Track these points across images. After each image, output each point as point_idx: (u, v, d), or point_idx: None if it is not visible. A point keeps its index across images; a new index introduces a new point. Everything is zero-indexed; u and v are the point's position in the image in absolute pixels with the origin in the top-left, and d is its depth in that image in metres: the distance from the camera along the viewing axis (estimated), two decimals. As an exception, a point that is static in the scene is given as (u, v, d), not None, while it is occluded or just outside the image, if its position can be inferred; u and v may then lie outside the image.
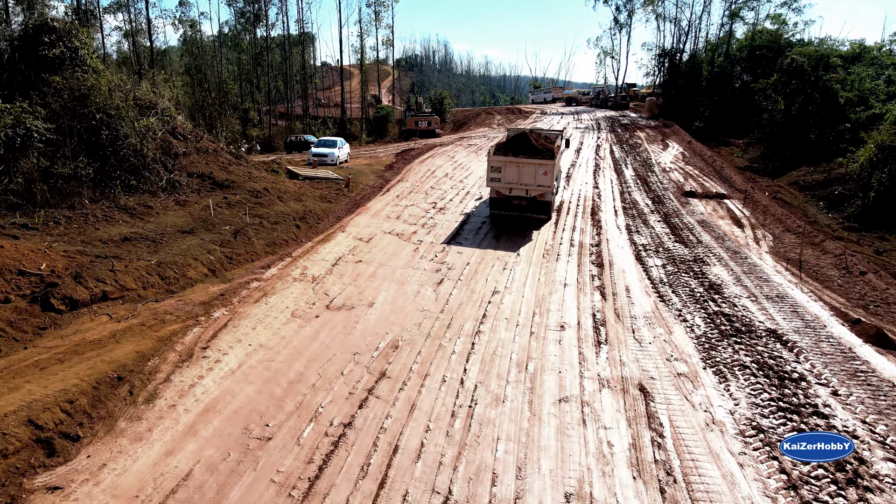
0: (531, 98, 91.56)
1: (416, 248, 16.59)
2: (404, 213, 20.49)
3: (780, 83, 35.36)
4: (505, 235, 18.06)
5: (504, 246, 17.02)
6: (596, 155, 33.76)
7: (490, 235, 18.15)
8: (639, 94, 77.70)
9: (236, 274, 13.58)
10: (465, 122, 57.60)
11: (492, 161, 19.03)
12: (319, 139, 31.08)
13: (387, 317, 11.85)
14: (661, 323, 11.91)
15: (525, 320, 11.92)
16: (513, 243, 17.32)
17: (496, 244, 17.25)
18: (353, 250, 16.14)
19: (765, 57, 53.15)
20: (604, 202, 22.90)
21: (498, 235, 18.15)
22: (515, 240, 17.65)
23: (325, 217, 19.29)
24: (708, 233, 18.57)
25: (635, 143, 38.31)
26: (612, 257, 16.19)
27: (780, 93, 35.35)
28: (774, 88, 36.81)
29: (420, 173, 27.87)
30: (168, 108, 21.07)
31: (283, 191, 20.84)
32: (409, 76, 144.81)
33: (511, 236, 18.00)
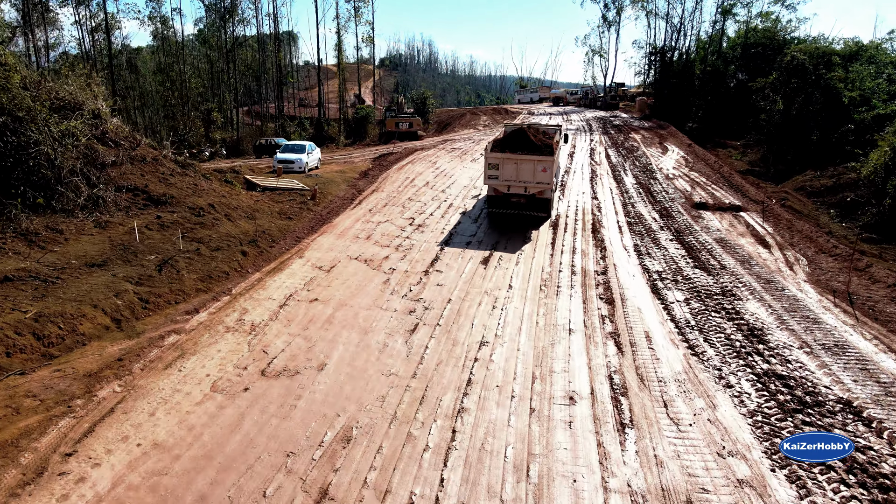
0: (517, 98, 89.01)
1: (387, 280, 13.70)
2: (376, 232, 17.58)
3: (779, 82, 33.25)
4: (495, 257, 15.26)
5: (494, 274, 14.21)
6: (591, 160, 31.06)
7: (476, 259, 15.32)
8: (628, 94, 75.54)
9: (150, 324, 10.58)
10: (449, 123, 54.77)
11: (489, 158, 18.27)
12: (286, 144, 28.03)
13: (341, 386, 8.96)
14: (700, 390, 9.15)
15: (522, 388, 9.10)
16: (504, 270, 14.51)
17: (484, 270, 14.43)
18: (310, 284, 13.20)
19: (760, 55, 51.14)
20: (605, 216, 20.17)
21: (487, 259, 15.33)
22: (507, 264, 14.85)
23: (281, 238, 16.32)
24: (731, 255, 15.90)
25: (632, 147, 35.72)
26: (623, 289, 13.43)
27: (779, 92, 33.28)
28: (773, 87, 34.73)
29: (398, 182, 24.97)
30: (100, 110, 17.96)
31: (235, 206, 17.82)
32: (394, 76, 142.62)
33: (502, 259, 15.20)
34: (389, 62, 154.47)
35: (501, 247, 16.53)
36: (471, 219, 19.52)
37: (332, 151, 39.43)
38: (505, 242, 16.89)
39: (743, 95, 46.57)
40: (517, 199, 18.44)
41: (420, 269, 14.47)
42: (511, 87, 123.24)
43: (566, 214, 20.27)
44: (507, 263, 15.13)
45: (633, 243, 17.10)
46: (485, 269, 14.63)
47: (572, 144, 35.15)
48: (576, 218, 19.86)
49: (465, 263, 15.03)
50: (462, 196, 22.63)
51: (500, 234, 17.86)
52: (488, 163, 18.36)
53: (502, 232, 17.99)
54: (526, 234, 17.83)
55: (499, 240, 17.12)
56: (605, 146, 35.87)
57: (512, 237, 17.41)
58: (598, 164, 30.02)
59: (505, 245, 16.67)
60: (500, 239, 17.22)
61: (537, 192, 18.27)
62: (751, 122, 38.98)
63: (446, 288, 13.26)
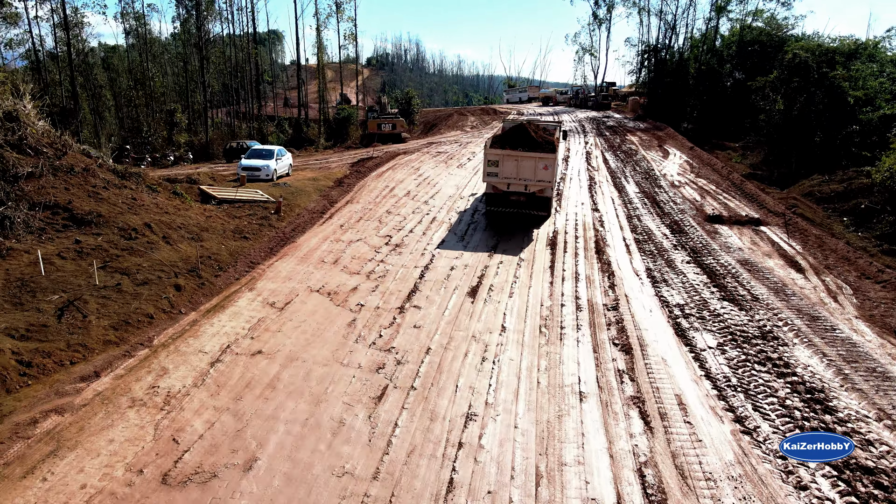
0: (506, 98, 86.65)
1: (353, 321, 11.17)
2: (346, 254, 15.05)
3: (780, 81, 31.41)
4: (485, 287, 12.79)
5: (483, 310, 11.73)
6: (588, 165, 28.71)
7: (463, 288, 12.84)
8: (619, 94, 73.52)
9: (26, 399, 7.96)
10: (435, 124, 52.23)
11: (489, 154, 17.70)
12: (252, 148, 25.29)
13: (272, 500, 6.44)
14: (764, 496, 6.73)
15: (524, 496, 6.64)
16: (495, 304, 12.05)
17: (472, 305, 11.97)
18: (256, 328, 10.65)
19: (757, 53, 49.29)
20: (609, 232, 17.78)
21: (475, 289, 12.86)
22: (499, 296, 12.39)
23: (231, 265, 13.73)
24: (761, 282, 13.55)
25: (630, 150, 33.41)
26: (641, 331, 11.01)
27: (779, 91, 31.50)
28: (773, 87, 32.81)
29: (376, 191, 22.42)
30: (18, 112, 15.26)
31: (179, 225, 15.17)
32: (381, 75, 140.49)
33: (493, 289, 12.74)
34: (376, 62, 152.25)
35: (493, 271, 14.07)
36: (456, 236, 17.06)
37: (310, 155, 36.77)
38: (496, 265, 14.45)
39: (740, 95, 44.79)
40: (517, 198, 17.87)
41: (394, 305, 11.96)
42: (499, 87, 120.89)
43: (565, 230, 17.86)
44: (499, 294, 12.67)
45: (644, 266, 14.70)
46: (472, 304, 12.15)
47: (567, 148, 32.82)
48: (576, 234, 17.45)
49: (448, 295, 12.54)
50: (447, 208, 20.14)
51: (491, 252, 15.42)
52: (487, 159, 17.68)
53: (494, 247, 15.56)
54: (521, 254, 15.41)
55: (488, 264, 14.66)
56: (602, 149, 33.55)
57: (504, 260, 14.98)
58: (596, 169, 27.65)
59: (497, 269, 14.22)
60: (489, 263, 14.76)
61: (538, 191, 17.68)
62: (748, 122, 37.22)
63: (425, 331, 10.78)
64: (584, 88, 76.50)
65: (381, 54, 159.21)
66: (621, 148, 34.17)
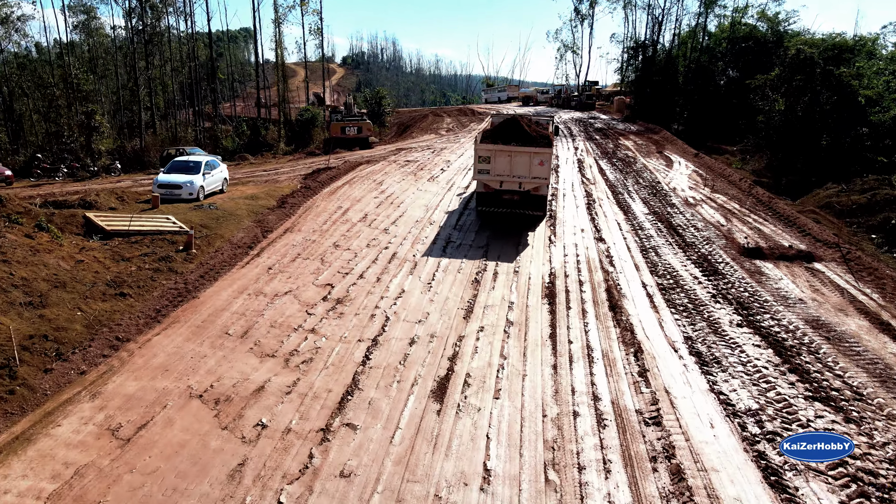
0: (484, 97, 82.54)
1: (242, 465, 6.77)
2: (263, 320, 10.65)
3: (781, 79, 28.42)
4: (457, 379, 8.51)
5: (455, 431, 7.45)
6: (582, 176, 24.57)
7: (425, 385, 8.55)
8: (602, 93, 69.92)
9: None
10: (409, 126, 47.78)
11: (479, 150, 16.70)
12: (174, 160, 20.49)
13: None
14: None
15: None
16: (472, 418, 7.78)
17: (437, 420, 7.70)
18: (69, 487, 6.23)
19: (752, 50, 46.01)
20: (622, 273, 13.61)
21: (442, 384, 8.58)
22: (479, 399, 8.13)
23: (83, 345, 9.22)
24: (853, 361, 9.46)
25: (627, 158, 29.38)
26: (709, 475, 6.77)
27: (779, 90, 28.39)
28: (773, 85, 29.63)
29: (325, 214, 17.98)
30: None
31: (17, 282, 10.56)
32: (356, 74, 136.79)
33: (471, 388, 8.46)
34: (352, 61, 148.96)
35: (469, 345, 9.81)
36: (422, 282, 12.76)
37: (264, 163, 32.08)
38: (475, 335, 10.18)
39: (734, 94, 41.72)
40: (510, 197, 16.77)
41: (315, 425, 7.59)
42: (477, 87, 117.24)
43: (564, 270, 13.67)
44: (479, 394, 8.41)
45: (681, 333, 10.55)
46: (438, 417, 7.86)
47: (555, 155, 28.75)
48: (579, 277, 13.27)
49: (402, 399, 8.22)
50: (412, 239, 15.81)
51: (468, 312, 11.14)
52: (479, 156, 16.67)
53: (472, 303, 11.29)
54: (509, 313, 11.17)
55: (464, 333, 10.36)
56: (595, 157, 29.47)
57: (486, 325, 10.70)
58: (593, 182, 23.52)
59: (475, 342, 9.95)
60: (465, 331, 10.46)
61: (533, 189, 16.54)
62: (741, 123, 34.67)
63: (356, 489, 6.46)
64: (567, 88, 72.82)
65: (356, 53, 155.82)
66: (616, 155, 30.17)
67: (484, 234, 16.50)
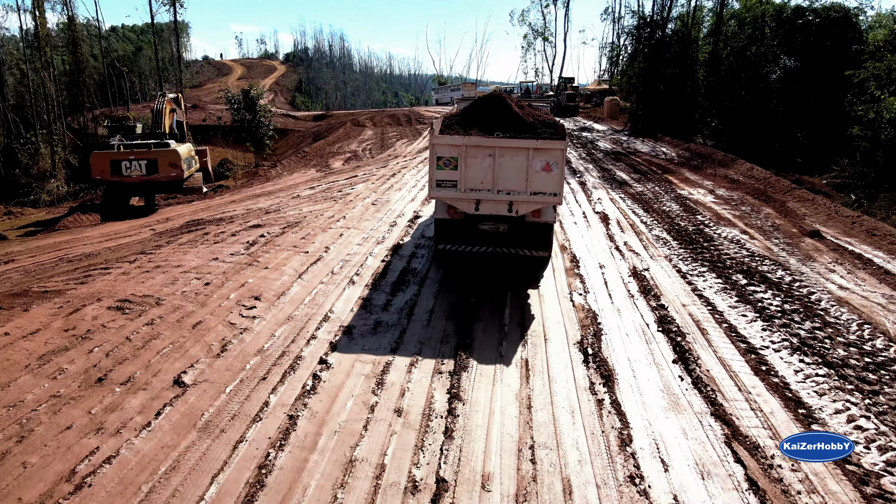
0: (435, 98, 66.15)
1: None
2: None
3: None
4: None
5: None
6: (627, 292, 9.07)
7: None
8: (582, 93, 54.99)
9: None
10: (324, 138, 31.34)
11: (439, 147, 9.22)
12: None
13: None
14: None
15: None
16: None
17: None
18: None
19: (817, 29, 30.90)
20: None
21: None
22: None
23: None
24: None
25: (702, 226, 13.83)
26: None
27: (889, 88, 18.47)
28: (877, 80, 19.31)
29: None
30: None
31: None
32: (297, 72, 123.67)
33: None
34: (294, 57, 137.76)
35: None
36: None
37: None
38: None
39: (796, 93, 27.20)
40: (492, 227, 9.60)
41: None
42: (429, 85, 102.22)
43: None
44: None
45: None
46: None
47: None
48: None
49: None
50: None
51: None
52: (437, 156, 9.23)
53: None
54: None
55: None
56: (634, 228, 13.77)
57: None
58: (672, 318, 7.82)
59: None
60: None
61: (531, 212, 9.36)
62: (799, 131, 20.94)
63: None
64: (539, 86, 57.15)
65: (300, 50, 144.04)
66: (678, 222, 14.40)
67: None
